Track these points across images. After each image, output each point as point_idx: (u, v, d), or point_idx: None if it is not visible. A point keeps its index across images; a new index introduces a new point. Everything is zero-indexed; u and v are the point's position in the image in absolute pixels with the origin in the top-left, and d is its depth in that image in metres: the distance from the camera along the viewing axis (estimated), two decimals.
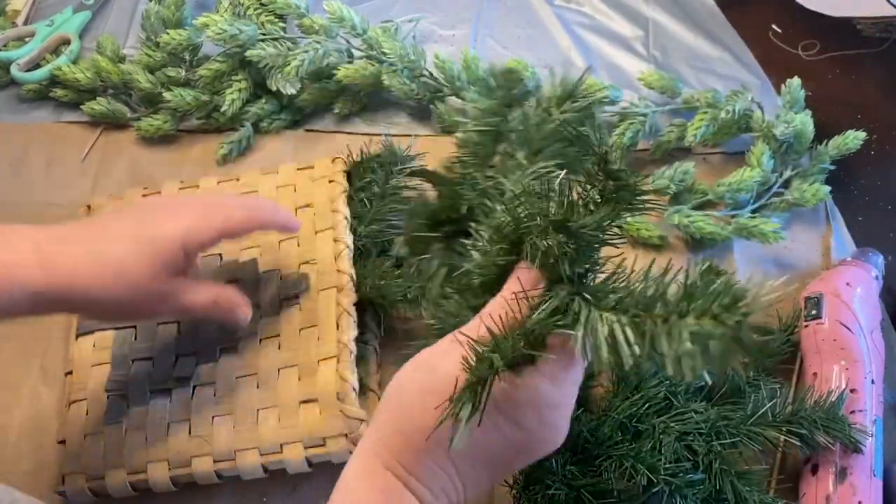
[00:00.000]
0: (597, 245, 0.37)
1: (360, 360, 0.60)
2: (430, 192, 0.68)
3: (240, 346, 0.60)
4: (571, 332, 0.33)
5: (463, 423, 0.32)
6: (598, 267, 0.38)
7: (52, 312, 0.45)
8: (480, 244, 0.40)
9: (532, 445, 0.38)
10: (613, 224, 0.37)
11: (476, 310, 0.39)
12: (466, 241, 0.42)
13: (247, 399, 0.58)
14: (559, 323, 0.34)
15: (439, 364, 0.36)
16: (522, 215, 0.37)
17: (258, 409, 0.57)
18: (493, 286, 0.39)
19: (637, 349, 0.30)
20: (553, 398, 0.36)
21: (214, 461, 0.56)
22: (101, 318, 0.54)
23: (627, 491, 0.53)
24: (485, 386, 0.33)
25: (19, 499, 0.38)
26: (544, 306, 0.34)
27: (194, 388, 0.59)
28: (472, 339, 0.35)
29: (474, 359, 0.34)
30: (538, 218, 0.37)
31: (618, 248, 0.38)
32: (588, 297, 0.34)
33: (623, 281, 0.35)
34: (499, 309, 0.37)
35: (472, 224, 0.42)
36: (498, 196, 0.41)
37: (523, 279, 0.37)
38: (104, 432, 0.58)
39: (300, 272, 0.60)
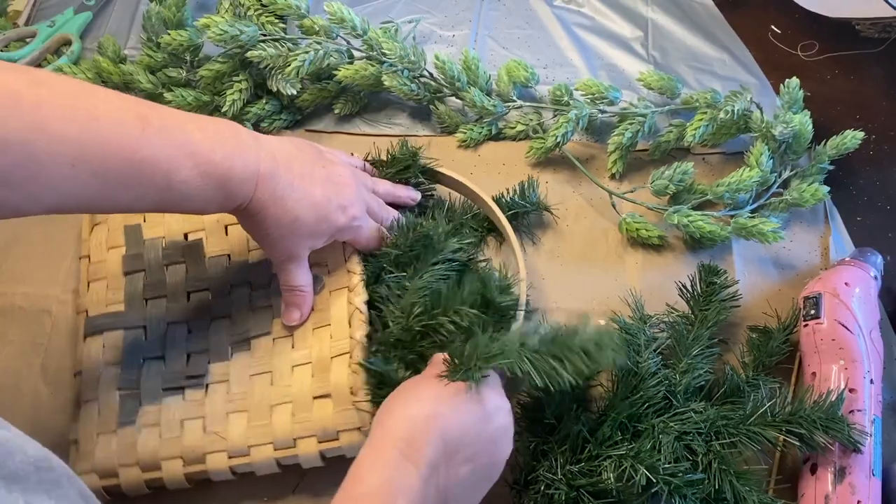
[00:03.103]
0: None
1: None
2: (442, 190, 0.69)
3: (252, 344, 0.60)
4: (503, 363, 0.50)
5: (478, 371, 0.49)
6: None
7: (234, 215, 0.55)
8: (398, 322, 0.56)
9: (498, 437, 0.50)
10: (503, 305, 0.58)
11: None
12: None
13: (261, 395, 0.58)
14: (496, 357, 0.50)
15: (416, 383, 0.51)
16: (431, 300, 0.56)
17: (272, 405, 0.57)
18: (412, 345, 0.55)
19: (537, 373, 0.49)
20: (498, 397, 0.51)
21: (229, 457, 0.56)
22: (252, 236, 0.59)
23: (627, 491, 0.53)
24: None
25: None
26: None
27: (207, 385, 0.59)
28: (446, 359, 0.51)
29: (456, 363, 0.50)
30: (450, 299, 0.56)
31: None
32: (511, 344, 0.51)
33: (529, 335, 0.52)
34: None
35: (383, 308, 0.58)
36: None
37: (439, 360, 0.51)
38: (117, 431, 0.58)
39: (312, 273, 0.60)
